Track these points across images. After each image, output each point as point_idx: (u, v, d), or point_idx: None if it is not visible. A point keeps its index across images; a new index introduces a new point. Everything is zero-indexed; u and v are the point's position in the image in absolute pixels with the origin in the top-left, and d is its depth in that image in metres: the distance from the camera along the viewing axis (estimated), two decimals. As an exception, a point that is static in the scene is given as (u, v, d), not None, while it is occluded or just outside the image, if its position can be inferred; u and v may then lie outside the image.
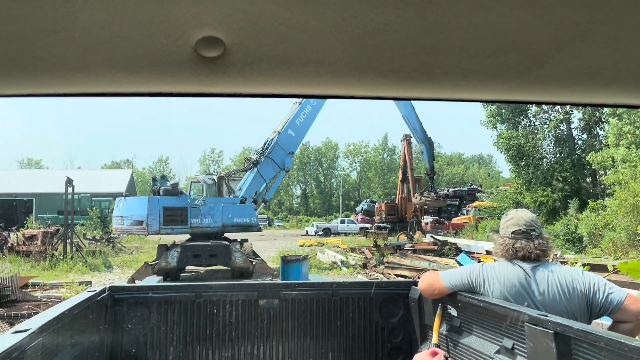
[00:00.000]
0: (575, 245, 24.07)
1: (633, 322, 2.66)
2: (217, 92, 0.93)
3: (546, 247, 2.88)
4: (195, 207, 15.71)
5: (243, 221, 16.46)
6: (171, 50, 0.81)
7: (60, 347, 2.85)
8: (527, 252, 2.86)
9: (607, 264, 9.40)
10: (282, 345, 3.93)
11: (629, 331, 2.64)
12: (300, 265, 11.42)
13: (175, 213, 15.39)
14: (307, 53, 0.83)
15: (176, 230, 15.79)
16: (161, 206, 15.22)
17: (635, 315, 2.64)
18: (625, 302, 2.65)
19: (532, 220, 2.94)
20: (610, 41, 0.81)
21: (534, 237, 2.88)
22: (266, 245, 28.37)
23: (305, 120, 18.43)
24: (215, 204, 16.22)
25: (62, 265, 18.48)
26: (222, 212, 16.12)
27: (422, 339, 3.82)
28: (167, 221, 15.22)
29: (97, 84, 0.89)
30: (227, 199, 17.12)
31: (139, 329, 3.78)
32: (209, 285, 4.00)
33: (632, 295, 2.74)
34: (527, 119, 35.00)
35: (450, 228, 40.80)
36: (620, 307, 2.65)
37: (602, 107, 1.91)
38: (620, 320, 2.68)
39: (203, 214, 15.82)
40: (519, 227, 2.93)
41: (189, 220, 15.54)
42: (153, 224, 15.04)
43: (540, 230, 2.93)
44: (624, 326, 2.66)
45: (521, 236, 2.90)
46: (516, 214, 3.04)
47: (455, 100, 1.00)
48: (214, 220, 15.96)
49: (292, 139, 18.23)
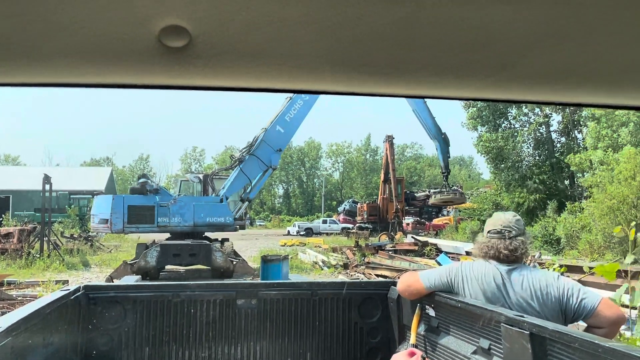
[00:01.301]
0: (553, 246, 24.38)
1: (607, 327, 2.65)
2: (183, 85, 0.90)
3: (516, 248, 2.88)
4: (164, 206, 15.50)
5: (217, 221, 16.13)
6: (134, 39, 0.77)
7: (32, 347, 2.79)
8: (496, 250, 2.88)
9: (584, 266, 9.52)
10: (259, 345, 3.90)
11: (603, 337, 2.57)
12: (280, 265, 11.35)
13: (142, 212, 15.26)
14: (275, 45, 0.80)
15: (142, 229, 15.80)
16: (126, 205, 15.16)
17: (609, 321, 2.65)
18: (598, 308, 2.65)
19: (509, 221, 2.95)
20: (583, 40, 0.80)
21: (507, 238, 2.90)
22: (247, 245, 28.24)
23: (295, 117, 17.79)
24: (187, 203, 15.97)
25: (39, 264, 18.18)
26: (193, 211, 15.86)
27: (400, 339, 3.81)
28: (132, 220, 15.14)
29: (54, 73, 0.85)
30: (201, 197, 16.93)
31: (115, 328, 3.72)
32: (186, 285, 3.95)
33: (607, 301, 2.74)
34: (507, 121, 35.39)
35: (431, 229, 41.13)
36: (594, 313, 2.65)
37: (575, 106, 1.92)
38: (594, 325, 2.68)
39: (172, 213, 15.58)
40: (495, 227, 2.96)
41: (156, 219, 15.37)
42: (117, 223, 15.04)
43: (518, 232, 2.94)
44: (597, 331, 2.64)
45: (495, 236, 2.93)
46: (498, 215, 3.08)
47: (429, 97, 0.98)
48: (184, 220, 15.70)
49: (280, 136, 17.60)
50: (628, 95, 0.98)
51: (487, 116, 34.37)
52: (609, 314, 2.65)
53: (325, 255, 21.31)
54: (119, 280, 10.78)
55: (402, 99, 29.83)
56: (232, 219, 16.44)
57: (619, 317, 2.71)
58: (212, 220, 16.09)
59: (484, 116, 34.35)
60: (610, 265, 4.00)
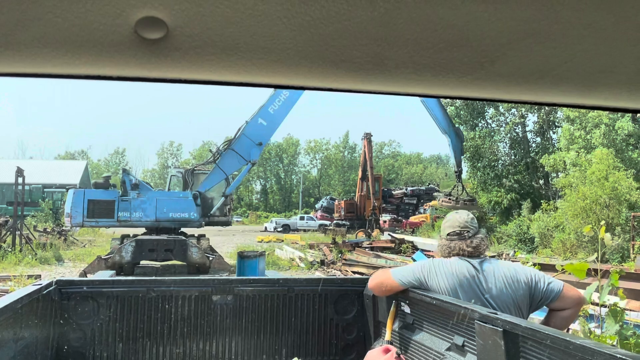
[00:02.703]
0: (527, 245, 24.80)
1: (571, 308, 2.87)
2: (159, 77, 0.89)
3: (478, 245, 3.04)
4: (125, 201, 15.41)
5: (180, 216, 15.89)
6: (109, 30, 0.75)
7: (2, 343, 2.74)
8: (459, 249, 3.03)
9: (556, 264, 9.70)
10: (235, 341, 3.89)
11: (568, 317, 2.89)
12: (257, 261, 11.32)
13: (101, 206, 15.21)
14: (254, 39, 0.79)
15: (102, 224, 15.93)
16: (86, 199, 15.14)
17: (573, 301, 2.87)
18: (563, 291, 2.86)
19: (465, 222, 3.10)
20: (560, 41, 0.81)
21: (467, 237, 3.05)
22: (224, 241, 28.12)
23: (279, 109, 16.93)
24: (150, 198, 15.80)
25: (10, 258, 17.85)
26: (155, 206, 15.68)
27: (375, 336, 3.83)
28: (92, 214, 15.13)
29: (28, 63, 0.83)
30: (164, 192, 16.74)
31: (87, 324, 3.67)
32: (161, 280, 3.92)
33: (568, 285, 2.95)
34: (484, 121, 35.86)
35: (408, 226, 41.46)
36: (560, 296, 2.85)
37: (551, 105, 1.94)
38: (559, 308, 2.88)
39: (133, 208, 15.46)
40: (453, 228, 3.10)
41: (116, 214, 15.28)
42: (76, 216, 15.08)
43: (475, 230, 3.10)
44: (562, 314, 2.88)
45: (455, 237, 3.07)
46: (453, 216, 3.21)
47: (407, 95, 0.99)
48: (145, 214, 15.56)
49: (262, 129, 16.85)
50: (602, 97, 1.00)
51: (465, 115, 34.81)
52: (573, 294, 2.88)
53: (302, 251, 21.33)
54: (93, 275, 10.66)
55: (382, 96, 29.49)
56: (197, 214, 16.10)
57: (581, 298, 2.94)
58: (175, 216, 15.86)
59: (462, 115, 34.77)
60: (580, 264, 4.07)
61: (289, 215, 64.61)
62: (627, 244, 18.32)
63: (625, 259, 17.62)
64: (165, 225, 15.92)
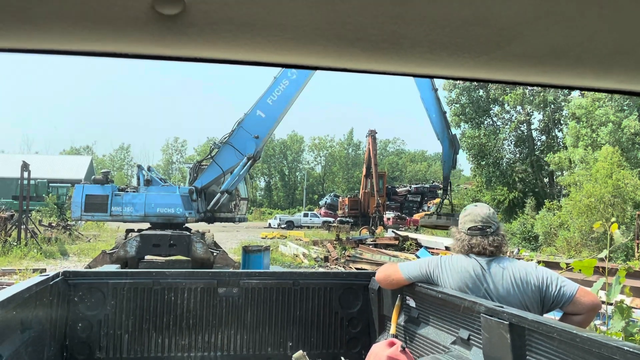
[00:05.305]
0: (531, 243, 24.73)
1: (584, 314, 2.74)
2: (175, 55, 0.88)
3: (500, 243, 2.93)
4: (118, 196, 15.63)
5: (167, 212, 15.75)
6: (127, 5, 0.75)
7: (8, 333, 2.75)
8: (481, 248, 2.91)
9: (561, 262, 9.67)
10: (240, 334, 3.89)
11: (580, 323, 2.71)
12: (262, 255, 11.34)
13: (97, 201, 15.49)
14: (271, 16, 0.79)
15: (97, 218, 16.37)
16: (84, 194, 15.45)
17: (586, 307, 2.73)
18: (576, 295, 2.73)
19: (488, 217, 2.98)
20: (579, 19, 0.81)
21: (489, 234, 2.93)
22: (228, 237, 28.14)
23: (278, 99, 15.78)
24: (140, 193, 15.87)
25: (16, 252, 17.95)
26: (144, 201, 15.72)
27: (380, 330, 3.83)
28: (89, 208, 15.45)
29: (44, 39, 0.83)
30: (155, 188, 16.53)
31: (93, 315, 3.68)
32: (167, 272, 3.92)
33: (583, 288, 2.81)
34: (489, 118, 35.77)
35: (412, 224, 41.34)
36: (572, 300, 2.72)
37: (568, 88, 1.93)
38: (572, 312, 2.76)
39: (125, 203, 15.61)
40: (475, 223, 2.97)
41: (109, 209, 15.51)
42: (76, 210, 15.53)
43: (496, 226, 2.98)
44: (575, 318, 2.73)
45: (477, 233, 2.94)
46: (474, 209, 3.06)
47: (423, 76, 0.98)
48: (135, 210, 15.63)
49: (260, 121, 15.83)
50: (618, 79, 0.99)
51: (470, 113, 34.72)
52: (586, 300, 2.73)
53: (306, 248, 21.34)
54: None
55: (397, 88, 28.98)
56: (184, 210, 15.79)
57: (595, 304, 2.80)
58: (162, 211, 15.77)
59: (468, 113, 34.70)
60: (588, 260, 4.04)
61: (292, 211, 64.59)
62: (632, 243, 18.24)
63: (629, 257, 17.56)
64: (152, 220, 15.94)
